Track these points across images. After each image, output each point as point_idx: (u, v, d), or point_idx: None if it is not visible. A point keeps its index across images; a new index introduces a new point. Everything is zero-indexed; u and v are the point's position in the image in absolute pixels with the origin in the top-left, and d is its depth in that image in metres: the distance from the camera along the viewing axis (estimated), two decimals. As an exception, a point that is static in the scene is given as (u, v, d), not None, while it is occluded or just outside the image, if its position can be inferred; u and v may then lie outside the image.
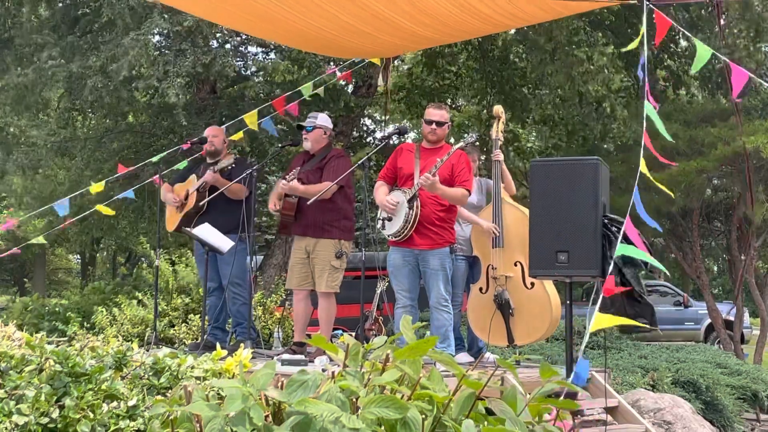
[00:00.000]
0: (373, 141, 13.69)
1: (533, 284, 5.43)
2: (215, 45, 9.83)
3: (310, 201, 5.27)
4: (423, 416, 1.95)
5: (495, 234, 5.56)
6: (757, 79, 5.20)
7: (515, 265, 5.52)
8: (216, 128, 6.62)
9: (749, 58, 8.96)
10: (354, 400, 1.99)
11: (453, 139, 7.53)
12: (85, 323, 9.46)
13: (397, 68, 14.16)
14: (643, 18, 4.81)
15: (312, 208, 5.45)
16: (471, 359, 5.58)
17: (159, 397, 3.01)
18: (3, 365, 3.06)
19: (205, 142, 6.35)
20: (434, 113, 5.39)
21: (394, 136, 5.93)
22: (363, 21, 5.99)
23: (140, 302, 8.75)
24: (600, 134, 11.67)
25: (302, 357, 5.35)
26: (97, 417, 2.85)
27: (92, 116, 12.65)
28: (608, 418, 4.69)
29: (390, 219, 5.24)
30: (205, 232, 5.83)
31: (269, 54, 11.87)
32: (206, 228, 5.86)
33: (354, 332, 6.48)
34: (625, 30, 10.57)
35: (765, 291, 10.97)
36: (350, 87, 11.11)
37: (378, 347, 2.18)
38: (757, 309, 11.09)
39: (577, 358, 3.95)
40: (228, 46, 10.28)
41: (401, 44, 6.93)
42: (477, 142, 6.48)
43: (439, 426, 1.99)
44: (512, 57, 12.11)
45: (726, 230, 11.60)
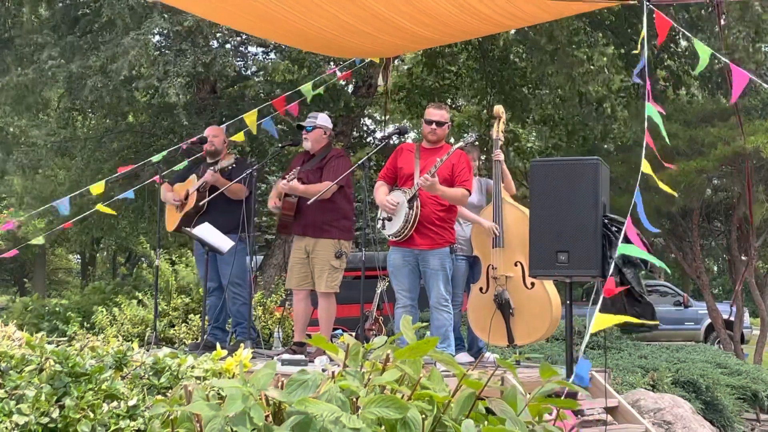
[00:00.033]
0: (373, 141, 13.68)
1: (533, 284, 5.43)
2: (215, 45, 9.83)
3: (311, 201, 5.27)
4: (423, 416, 1.95)
5: (495, 234, 5.56)
6: (757, 80, 5.20)
7: (515, 265, 5.52)
8: (216, 128, 6.62)
9: (749, 58, 8.97)
10: (354, 400, 1.99)
11: (453, 139, 7.52)
12: (85, 323, 9.46)
13: (397, 68, 14.15)
14: (643, 18, 4.81)
15: (311, 208, 5.45)
16: (471, 359, 5.58)
17: (159, 397, 3.01)
18: (3, 365, 3.06)
19: (205, 142, 6.36)
20: (434, 113, 5.38)
21: (394, 136, 5.93)
22: (363, 21, 5.99)
23: (140, 302, 8.76)
24: (601, 135, 11.69)
25: (302, 357, 5.35)
26: (98, 417, 2.85)
27: (92, 116, 12.65)
28: (608, 418, 4.69)
29: (390, 219, 5.23)
30: (205, 232, 5.82)
31: (269, 54, 11.87)
32: (206, 228, 5.85)
33: (354, 332, 6.47)
34: (625, 30, 10.57)
35: (765, 291, 10.97)
36: (350, 87, 11.11)
37: (378, 347, 2.18)
38: (757, 309, 11.09)
39: (578, 359, 3.95)
40: (228, 46, 10.29)
41: (401, 44, 6.93)
42: (476, 142, 6.48)
43: (440, 426, 1.99)
44: (512, 57, 12.12)
45: (726, 230, 11.59)
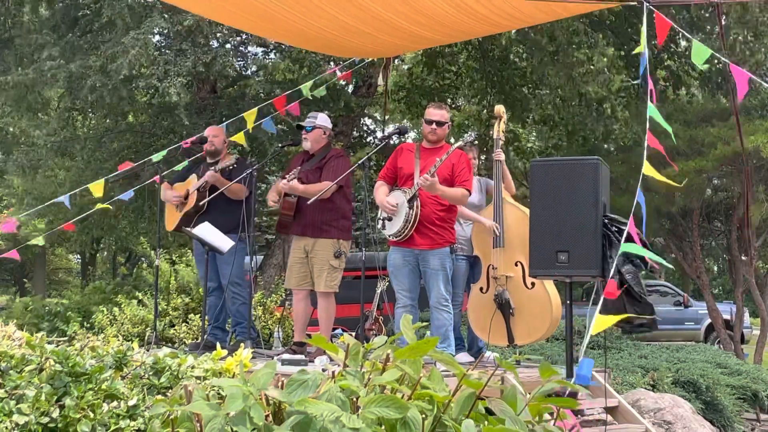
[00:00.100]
0: (373, 141, 13.67)
1: (534, 284, 5.43)
2: (216, 45, 9.83)
3: (311, 201, 5.27)
4: (423, 416, 1.95)
5: (496, 233, 5.56)
6: (757, 80, 5.19)
7: (516, 265, 5.51)
8: (216, 128, 6.62)
9: (751, 57, 8.96)
10: (354, 400, 1.99)
11: (453, 139, 7.52)
12: (85, 323, 9.46)
13: (397, 68, 14.14)
14: (644, 19, 4.81)
15: (311, 208, 5.45)
16: (471, 359, 5.58)
17: (159, 397, 3.01)
18: (3, 365, 3.06)
19: (205, 142, 6.36)
20: (434, 113, 5.38)
21: (394, 136, 5.93)
22: (362, 21, 5.99)
23: (140, 302, 8.76)
24: (602, 136, 11.68)
25: (302, 357, 5.35)
26: (98, 417, 2.85)
27: (92, 116, 12.64)
28: (608, 418, 4.69)
29: (390, 219, 5.23)
30: (206, 232, 5.82)
31: (269, 54, 11.87)
32: (206, 227, 5.84)
33: (354, 332, 6.47)
34: (626, 30, 10.56)
35: (765, 291, 10.97)
36: (350, 87, 11.10)
37: (378, 347, 2.17)
38: (757, 309, 11.10)
39: (578, 359, 3.94)
40: (228, 46, 10.28)
41: (401, 44, 6.93)
42: (476, 141, 6.48)
43: (440, 426, 1.99)
44: (512, 57, 12.11)
45: (726, 230, 11.60)
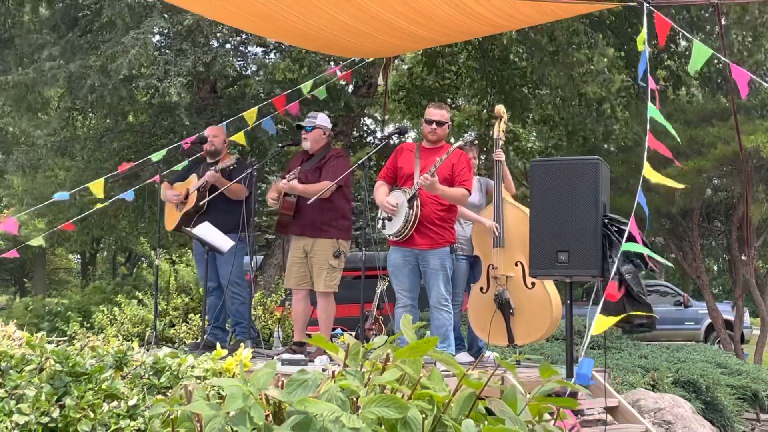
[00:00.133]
0: (373, 141, 13.66)
1: (534, 284, 5.43)
2: (216, 45, 9.83)
3: (311, 201, 5.27)
4: (423, 416, 1.95)
5: (496, 233, 5.56)
6: (758, 80, 5.20)
7: (516, 265, 5.51)
8: (216, 128, 6.62)
9: (750, 58, 8.97)
10: (354, 400, 1.99)
11: (453, 139, 7.52)
12: (85, 323, 9.46)
13: (397, 68, 14.14)
14: (644, 20, 4.81)
15: (310, 208, 5.45)
16: (471, 359, 5.58)
17: (159, 397, 3.02)
18: (3, 365, 3.06)
19: (205, 142, 6.36)
20: (434, 113, 5.38)
21: (394, 136, 5.93)
22: (362, 22, 5.99)
23: (140, 302, 8.76)
24: (602, 136, 11.68)
25: (302, 356, 5.35)
26: (98, 416, 2.86)
27: (92, 116, 12.64)
28: (608, 418, 4.69)
29: (390, 219, 5.23)
30: (206, 232, 5.82)
31: (269, 54, 11.87)
32: (206, 227, 5.84)
33: (354, 332, 6.48)
34: (626, 30, 10.56)
35: (765, 291, 10.97)
36: (350, 87, 11.10)
37: (378, 347, 2.17)
38: (757, 309, 11.10)
39: (578, 359, 3.94)
40: (228, 46, 10.28)
41: (401, 44, 6.93)
42: (476, 141, 6.48)
43: (440, 425, 1.99)
44: (512, 57, 12.11)
45: (726, 230, 11.60)
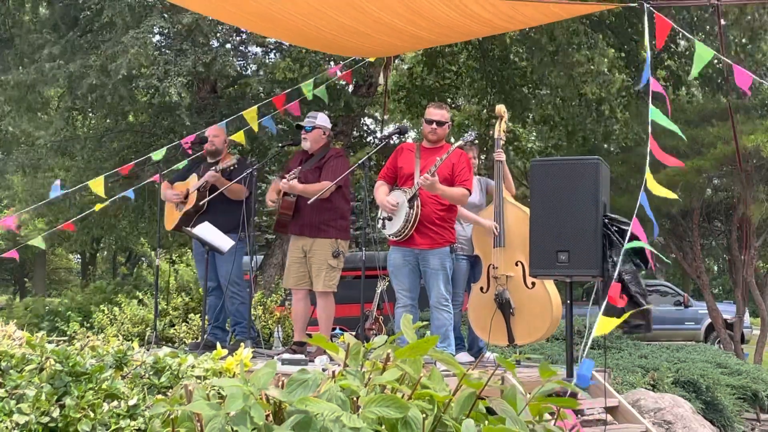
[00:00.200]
0: (373, 141, 13.66)
1: (534, 284, 5.43)
2: (216, 44, 9.83)
3: (311, 200, 5.27)
4: (424, 415, 1.95)
5: (496, 232, 5.55)
6: (758, 79, 5.20)
7: (516, 265, 5.51)
8: (217, 128, 6.62)
9: (748, 58, 8.97)
10: (354, 400, 1.99)
11: (453, 139, 7.52)
12: (86, 323, 9.46)
13: (397, 68, 14.14)
14: (644, 21, 4.80)
15: (309, 208, 5.45)
16: (471, 359, 5.58)
17: (160, 397, 3.02)
18: (4, 364, 3.06)
19: (206, 142, 6.36)
20: (435, 113, 5.38)
21: (394, 136, 5.93)
22: (362, 23, 5.99)
23: (140, 302, 8.76)
24: (603, 136, 11.68)
25: (302, 356, 5.35)
26: (98, 416, 2.85)
27: (92, 116, 12.63)
28: (608, 418, 4.69)
29: (390, 218, 5.24)
30: (206, 232, 5.82)
31: (269, 54, 11.86)
32: (206, 227, 5.84)
33: (354, 332, 6.48)
34: (626, 30, 10.56)
35: (765, 291, 10.97)
36: (350, 87, 11.09)
37: (378, 347, 2.18)
38: (758, 309, 11.10)
39: (578, 358, 3.94)
40: (228, 46, 10.28)
41: (401, 45, 6.93)
42: (476, 141, 6.48)
43: (440, 425, 1.99)
44: (512, 57, 12.11)
45: (726, 230, 11.60)
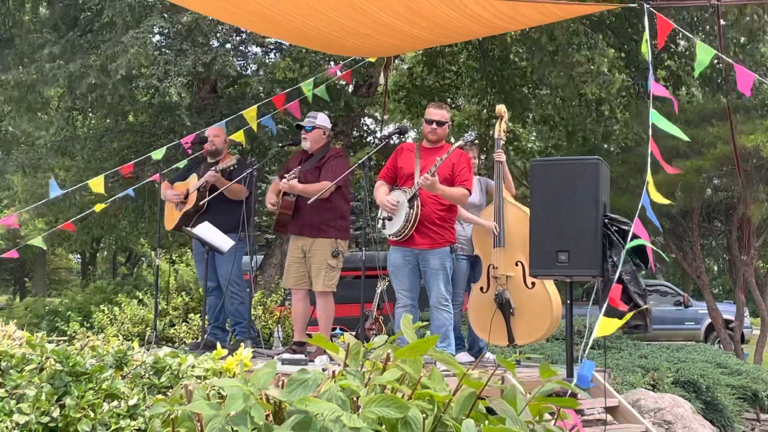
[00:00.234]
0: (373, 141, 13.66)
1: (534, 284, 5.43)
2: (215, 44, 9.83)
3: (311, 200, 5.27)
4: (424, 415, 1.95)
5: (495, 232, 5.55)
6: (760, 78, 5.20)
7: (516, 265, 5.51)
8: (217, 128, 6.62)
9: (750, 58, 8.97)
10: (355, 400, 1.99)
11: (453, 139, 7.52)
12: (86, 323, 9.46)
13: (397, 68, 14.14)
14: (645, 21, 4.80)
15: (309, 208, 5.46)
16: (471, 359, 5.58)
17: (160, 397, 3.01)
18: (4, 364, 3.05)
19: (206, 141, 6.36)
20: (435, 113, 5.38)
21: (394, 136, 5.93)
22: (362, 24, 5.99)
23: (140, 301, 8.76)
24: (602, 136, 11.68)
25: (302, 356, 5.35)
26: (98, 416, 2.85)
27: (92, 116, 12.63)
28: (608, 418, 4.69)
29: (390, 218, 5.23)
30: (206, 232, 5.82)
31: (269, 53, 11.86)
32: (206, 227, 5.84)
33: (354, 332, 6.48)
34: (626, 30, 10.55)
35: (765, 291, 10.97)
36: (350, 87, 11.10)
37: (378, 347, 2.18)
38: (758, 309, 11.10)
39: (578, 358, 3.94)
40: (228, 46, 10.28)
41: (401, 45, 6.93)
42: (476, 141, 6.48)
43: (440, 425, 1.99)
44: (512, 57, 12.11)
45: (726, 230, 11.60)
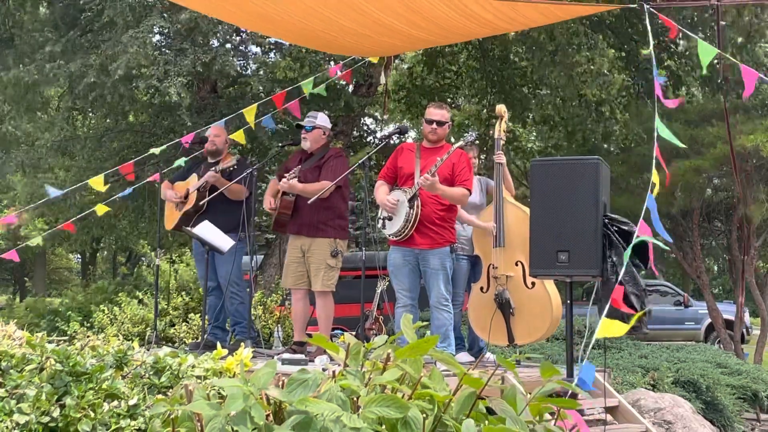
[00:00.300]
0: (373, 141, 13.65)
1: (534, 284, 5.43)
2: (215, 44, 9.82)
3: (311, 200, 5.27)
4: (424, 415, 1.95)
5: (494, 232, 5.55)
6: (763, 77, 5.20)
7: (516, 265, 5.51)
8: (218, 128, 6.62)
9: (750, 59, 8.98)
10: (355, 400, 1.99)
11: (453, 139, 7.52)
12: (86, 322, 9.47)
13: (397, 68, 14.14)
14: (647, 22, 4.80)
15: (308, 208, 5.46)
16: (471, 359, 5.58)
17: (160, 396, 3.01)
18: (4, 364, 3.06)
19: (206, 141, 6.36)
20: (435, 113, 5.38)
21: (395, 136, 5.93)
22: (362, 25, 5.98)
23: (140, 301, 8.76)
24: (602, 136, 11.69)
25: (302, 356, 5.35)
26: (98, 416, 2.85)
27: (92, 116, 12.63)
28: (608, 418, 4.69)
29: (390, 218, 5.23)
30: (206, 231, 5.82)
31: (269, 53, 11.85)
32: (206, 227, 5.84)
33: (354, 332, 6.47)
34: (626, 30, 10.56)
35: (765, 291, 10.97)
36: (350, 87, 11.09)
37: (378, 346, 2.17)
38: (758, 309, 11.10)
39: (578, 358, 3.94)
40: (228, 46, 10.27)
41: (401, 45, 6.93)
42: (477, 141, 6.48)
43: (440, 425, 1.99)
44: (512, 57, 12.11)
45: (726, 230, 11.60)
